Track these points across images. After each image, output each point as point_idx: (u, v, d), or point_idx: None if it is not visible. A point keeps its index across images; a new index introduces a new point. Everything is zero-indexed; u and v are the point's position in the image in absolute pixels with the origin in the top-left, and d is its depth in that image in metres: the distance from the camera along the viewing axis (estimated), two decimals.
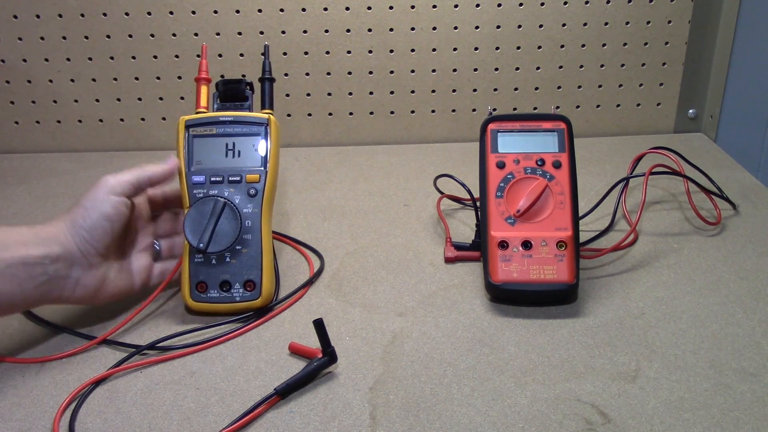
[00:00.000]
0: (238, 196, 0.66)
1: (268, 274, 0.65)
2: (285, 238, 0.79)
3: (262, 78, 0.72)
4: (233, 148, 0.67)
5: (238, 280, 0.65)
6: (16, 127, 1.05)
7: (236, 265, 0.65)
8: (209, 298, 0.65)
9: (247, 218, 0.65)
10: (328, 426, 0.52)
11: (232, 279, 0.65)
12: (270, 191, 0.67)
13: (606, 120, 1.05)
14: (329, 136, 1.06)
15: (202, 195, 0.65)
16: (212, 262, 0.65)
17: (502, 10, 0.98)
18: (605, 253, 0.72)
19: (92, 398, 0.56)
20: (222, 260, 0.65)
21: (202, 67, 0.71)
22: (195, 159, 0.67)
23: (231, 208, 0.65)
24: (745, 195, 0.85)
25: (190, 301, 0.65)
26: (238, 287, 0.65)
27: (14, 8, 0.97)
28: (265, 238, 0.66)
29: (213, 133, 0.67)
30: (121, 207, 0.61)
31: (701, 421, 0.52)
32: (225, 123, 0.67)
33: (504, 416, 0.53)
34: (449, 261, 0.74)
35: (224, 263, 0.65)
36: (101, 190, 0.61)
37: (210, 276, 0.65)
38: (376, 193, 0.90)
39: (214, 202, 0.64)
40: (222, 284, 0.65)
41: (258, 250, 0.65)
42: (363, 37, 0.99)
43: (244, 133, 0.67)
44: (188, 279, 0.65)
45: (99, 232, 0.60)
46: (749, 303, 0.65)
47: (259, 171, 0.67)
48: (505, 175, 0.69)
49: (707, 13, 0.99)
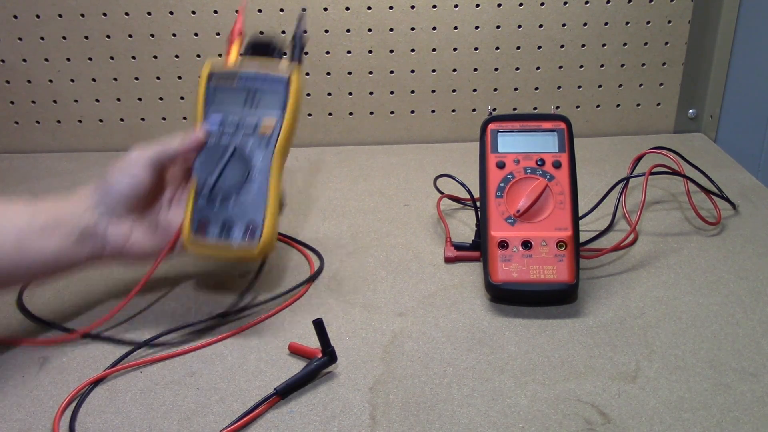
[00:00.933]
0: (250, 143, 0.65)
1: (270, 223, 0.64)
2: (285, 238, 0.79)
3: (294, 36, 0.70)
4: (252, 99, 0.67)
5: (240, 222, 0.64)
6: (16, 127, 1.05)
7: (239, 208, 0.64)
8: (208, 240, 0.64)
9: (257, 165, 0.65)
10: (328, 426, 0.52)
11: (233, 221, 0.64)
12: (283, 142, 0.66)
13: (606, 120, 1.05)
14: (329, 136, 1.06)
15: (215, 139, 0.66)
16: (216, 203, 0.64)
17: (502, 10, 0.98)
18: (605, 253, 0.72)
19: (92, 398, 0.56)
20: (226, 202, 0.64)
21: (238, 23, 0.70)
22: (213, 107, 0.67)
23: (241, 153, 0.65)
24: (745, 195, 0.85)
25: (189, 242, 0.64)
26: (239, 232, 0.63)
27: (14, 8, 0.97)
28: (272, 187, 0.65)
29: (233, 84, 0.67)
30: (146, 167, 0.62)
31: (701, 421, 0.52)
32: (246, 76, 0.67)
33: (504, 416, 0.53)
34: (449, 261, 0.74)
35: (228, 205, 0.64)
36: (127, 159, 0.62)
37: (212, 217, 0.64)
38: (376, 193, 0.90)
39: (226, 146, 0.65)
40: (223, 225, 0.64)
41: (264, 197, 0.64)
42: (363, 37, 0.99)
43: (263, 86, 0.67)
44: (190, 218, 0.64)
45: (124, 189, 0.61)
46: (749, 303, 0.65)
47: (273, 123, 0.66)
48: (505, 175, 0.69)
49: (707, 13, 0.99)
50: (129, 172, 0.62)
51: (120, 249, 0.62)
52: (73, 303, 0.68)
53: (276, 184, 0.65)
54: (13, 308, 0.67)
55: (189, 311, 0.66)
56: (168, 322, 0.65)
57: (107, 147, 1.05)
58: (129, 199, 0.62)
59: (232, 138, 0.66)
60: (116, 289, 0.70)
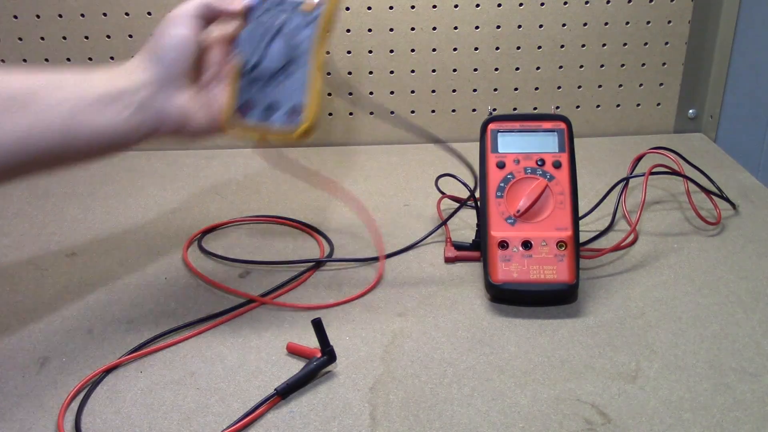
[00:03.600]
0: (294, 20, 0.63)
1: (313, 107, 0.62)
2: (293, 222, 0.80)
3: None
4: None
5: (284, 105, 0.62)
6: None
7: (283, 91, 0.62)
8: (248, 121, 0.62)
9: (302, 43, 0.63)
10: (328, 426, 0.52)
11: (277, 104, 0.62)
12: (328, 20, 0.63)
13: (606, 120, 1.05)
14: (329, 136, 1.06)
15: (257, 16, 0.64)
16: (259, 83, 0.63)
17: (502, 10, 0.98)
18: (605, 253, 0.72)
19: (92, 398, 0.56)
20: (270, 82, 0.63)
21: None
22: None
23: (286, 30, 0.63)
24: (745, 195, 0.85)
25: (228, 123, 0.62)
26: (281, 114, 0.62)
27: (14, 8, 0.97)
28: (316, 67, 0.62)
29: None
30: (186, 36, 0.59)
31: (701, 421, 0.52)
32: None
33: (504, 416, 0.53)
34: (449, 261, 0.74)
35: (271, 86, 0.63)
36: (166, 22, 0.60)
37: (256, 98, 0.62)
38: (376, 193, 0.90)
39: (270, 24, 0.63)
40: (266, 108, 0.62)
41: (306, 79, 0.62)
42: (363, 37, 0.99)
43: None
44: (233, 99, 0.62)
45: (169, 62, 0.59)
46: (749, 303, 0.65)
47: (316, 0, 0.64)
48: (505, 175, 0.69)
49: (707, 13, 0.99)
50: (176, 32, 0.58)
51: (178, 124, 0.59)
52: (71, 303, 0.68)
53: (320, 65, 0.63)
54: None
55: (189, 311, 0.67)
56: (168, 322, 0.65)
57: None
58: (181, 63, 0.59)
59: (274, 15, 0.63)
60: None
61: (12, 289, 0.71)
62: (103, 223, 0.83)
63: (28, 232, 0.82)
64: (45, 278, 0.72)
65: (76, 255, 0.77)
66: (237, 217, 0.84)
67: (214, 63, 0.63)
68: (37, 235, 0.81)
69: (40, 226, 0.83)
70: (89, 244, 0.79)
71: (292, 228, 0.82)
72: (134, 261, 0.75)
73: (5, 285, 0.71)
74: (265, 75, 0.62)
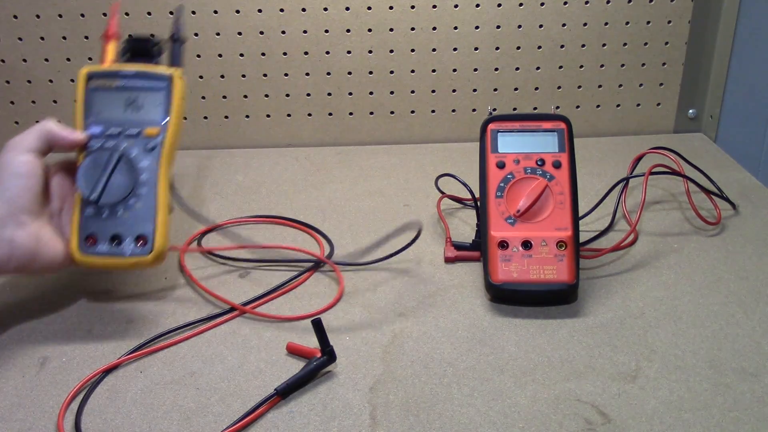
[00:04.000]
0: (135, 149, 0.64)
1: (162, 230, 0.63)
2: (293, 222, 0.80)
3: (170, 37, 0.69)
4: (134, 101, 0.65)
5: (130, 234, 0.63)
6: (16, 127, 1.05)
7: (129, 219, 0.63)
8: (98, 252, 0.62)
9: (143, 172, 0.63)
10: (328, 426, 0.52)
11: (123, 233, 0.63)
12: (169, 147, 0.65)
13: (606, 120, 1.05)
14: (329, 136, 1.06)
15: (97, 147, 0.64)
16: (103, 215, 0.63)
17: (502, 10, 0.98)
18: (605, 253, 0.72)
19: (92, 398, 0.56)
20: (114, 213, 0.63)
21: (112, 23, 0.68)
22: (93, 111, 0.65)
23: (127, 160, 0.63)
24: (745, 195, 0.85)
25: (78, 255, 0.62)
26: (129, 242, 0.62)
27: (14, 8, 0.97)
28: (161, 193, 0.63)
29: (114, 86, 0.65)
30: (31, 163, 0.60)
31: (701, 421, 0.52)
32: (127, 76, 0.65)
33: (504, 416, 0.53)
34: (449, 261, 0.74)
35: (116, 216, 0.63)
36: (6, 152, 0.60)
37: (101, 228, 0.63)
38: (376, 193, 0.90)
39: (110, 154, 0.63)
40: (113, 238, 0.63)
41: (152, 204, 0.63)
42: (363, 37, 0.99)
43: (145, 87, 0.65)
44: (77, 231, 0.63)
45: (17, 191, 0.59)
46: (749, 303, 0.65)
47: (159, 126, 0.65)
48: (505, 175, 0.69)
49: (707, 13, 0.99)
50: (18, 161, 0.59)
51: (30, 253, 0.59)
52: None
53: (164, 189, 0.64)
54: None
55: (189, 311, 0.66)
56: (168, 322, 0.65)
57: None
58: (26, 192, 0.59)
59: (116, 143, 0.64)
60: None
61: (12, 289, 0.71)
62: None
63: None
64: (45, 278, 0.72)
65: None
66: (237, 217, 0.84)
67: (62, 190, 0.64)
68: None
69: None
70: None
71: (292, 228, 0.82)
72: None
73: (5, 285, 0.71)
74: (109, 205, 0.63)
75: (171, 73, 0.66)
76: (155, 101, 0.65)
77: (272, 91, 1.03)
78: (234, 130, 1.04)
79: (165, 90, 0.65)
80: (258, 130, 1.05)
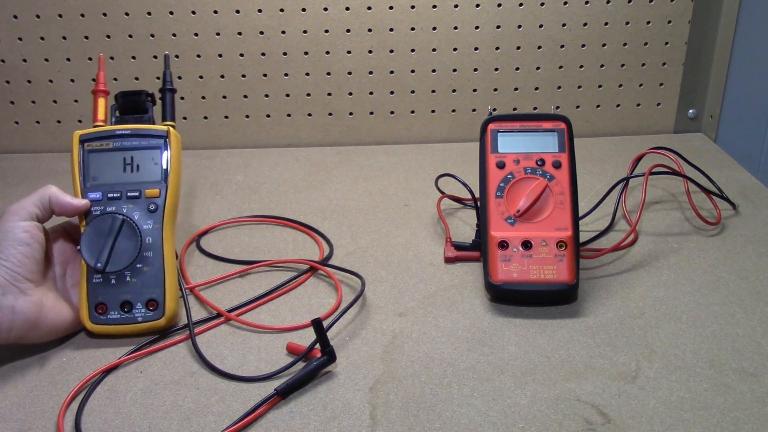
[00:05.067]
0: (137, 212, 0.63)
1: (171, 292, 0.63)
2: (292, 222, 0.80)
3: (162, 89, 0.70)
4: (131, 162, 0.65)
5: (140, 299, 0.62)
6: (16, 127, 1.05)
7: (137, 285, 0.62)
8: (110, 320, 0.62)
9: (148, 235, 0.63)
10: (328, 426, 0.52)
11: (133, 299, 0.62)
12: (171, 206, 0.64)
13: (606, 120, 1.05)
14: (329, 136, 1.06)
15: (99, 212, 0.63)
16: (111, 282, 0.62)
17: (502, 10, 0.98)
18: (605, 253, 0.72)
19: (92, 398, 0.56)
20: (122, 280, 0.62)
21: (100, 79, 0.69)
22: (91, 175, 0.64)
23: (130, 224, 0.62)
24: (745, 195, 0.85)
25: (90, 324, 0.62)
26: (140, 307, 0.62)
27: (14, 8, 0.97)
28: (167, 254, 0.63)
29: (110, 148, 0.65)
30: (32, 230, 0.59)
31: (701, 421, 0.52)
32: (122, 136, 0.65)
33: (504, 416, 0.53)
34: (449, 261, 0.74)
35: (124, 283, 0.62)
36: (7, 218, 0.59)
37: (110, 297, 0.62)
38: (376, 193, 0.90)
39: (112, 220, 0.62)
40: (123, 305, 0.62)
41: (160, 267, 0.63)
42: (363, 37, 0.99)
43: (142, 147, 0.65)
44: (86, 301, 0.62)
45: (19, 258, 0.58)
46: (749, 303, 0.65)
47: (159, 185, 0.64)
48: (505, 175, 0.69)
49: (707, 13, 0.99)
50: (18, 228, 0.59)
51: (32, 319, 0.58)
52: None
53: (170, 250, 0.64)
54: None
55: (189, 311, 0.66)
56: None
57: None
58: (27, 259, 0.58)
59: (117, 207, 0.63)
60: None
61: None
62: None
63: None
64: None
65: None
66: (237, 217, 0.84)
67: (64, 254, 0.63)
68: None
69: None
70: None
71: (292, 228, 0.82)
72: None
73: None
74: (116, 273, 0.62)
75: (167, 130, 0.66)
76: (153, 160, 0.65)
77: (272, 91, 1.03)
78: (234, 130, 1.04)
79: (162, 147, 0.65)
80: (258, 130, 1.05)
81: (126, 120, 0.67)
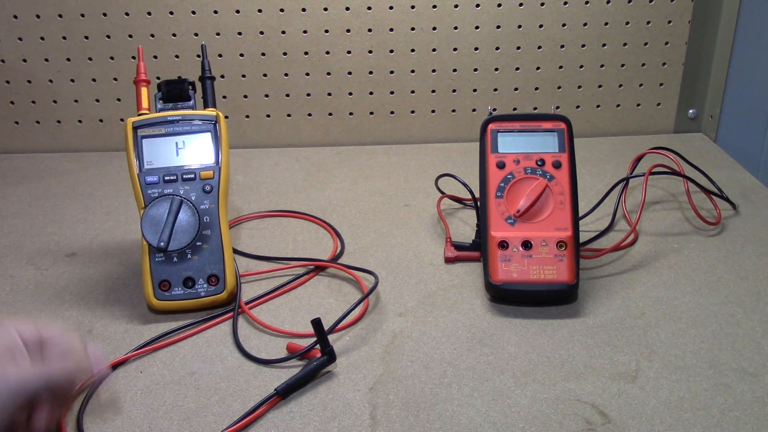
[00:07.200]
0: (194, 193, 0.66)
1: (230, 267, 0.66)
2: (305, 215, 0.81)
3: (202, 77, 0.72)
4: (184, 146, 0.67)
5: (202, 275, 0.65)
6: (16, 127, 1.05)
7: (198, 261, 0.65)
8: (174, 296, 0.65)
9: (205, 214, 0.66)
10: (328, 426, 0.52)
11: (195, 275, 0.65)
12: (225, 186, 0.67)
13: (606, 120, 1.05)
14: (329, 136, 1.06)
15: (157, 194, 0.65)
16: (174, 260, 0.65)
17: (502, 10, 0.98)
18: (605, 253, 0.72)
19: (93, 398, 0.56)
20: (183, 257, 0.65)
21: (141, 69, 0.70)
22: (146, 159, 0.67)
23: (188, 205, 0.65)
24: (745, 195, 0.85)
25: (154, 301, 0.65)
26: (202, 282, 0.65)
27: (14, 8, 0.97)
28: (224, 231, 0.66)
29: (162, 133, 0.67)
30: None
31: (701, 421, 0.52)
32: (173, 122, 0.67)
33: (504, 416, 0.53)
34: (449, 261, 0.74)
35: (186, 260, 0.65)
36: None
37: (172, 274, 0.65)
38: (376, 193, 0.90)
39: (171, 200, 0.65)
40: (185, 281, 0.65)
41: (218, 244, 0.66)
42: (363, 37, 0.99)
43: (193, 131, 0.68)
44: (150, 278, 0.65)
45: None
46: (749, 303, 0.65)
47: (213, 167, 0.67)
48: (505, 175, 0.69)
49: (707, 13, 0.99)
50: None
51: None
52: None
53: (226, 227, 0.67)
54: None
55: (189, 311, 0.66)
56: (168, 322, 0.65)
57: (107, 147, 1.05)
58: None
59: (174, 189, 0.66)
60: None
61: (12, 289, 0.71)
62: (103, 223, 0.83)
63: (28, 232, 0.82)
64: (45, 278, 0.72)
65: (76, 255, 0.77)
66: (237, 216, 0.84)
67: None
68: (37, 235, 0.81)
69: (40, 226, 0.83)
70: (89, 244, 0.79)
71: (293, 227, 0.82)
72: (134, 261, 0.75)
73: (5, 285, 0.71)
74: (177, 250, 0.65)
75: (215, 115, 0.68)
76: (205, 144, 0.68)
77: (272, 91, 1.03)
78: (234, 130, 1.04)
79: (212, 132, 0.68)
80: (258, 130, 1.05)
81: (169, 108, 0.69)
